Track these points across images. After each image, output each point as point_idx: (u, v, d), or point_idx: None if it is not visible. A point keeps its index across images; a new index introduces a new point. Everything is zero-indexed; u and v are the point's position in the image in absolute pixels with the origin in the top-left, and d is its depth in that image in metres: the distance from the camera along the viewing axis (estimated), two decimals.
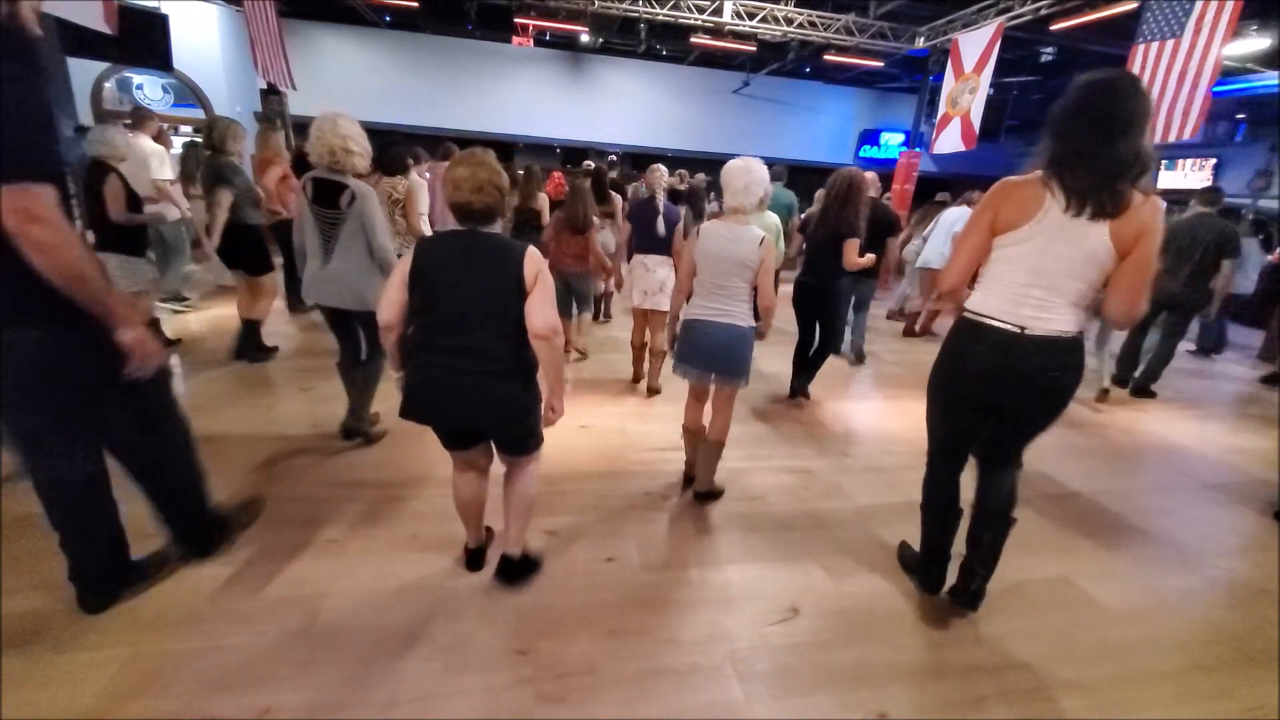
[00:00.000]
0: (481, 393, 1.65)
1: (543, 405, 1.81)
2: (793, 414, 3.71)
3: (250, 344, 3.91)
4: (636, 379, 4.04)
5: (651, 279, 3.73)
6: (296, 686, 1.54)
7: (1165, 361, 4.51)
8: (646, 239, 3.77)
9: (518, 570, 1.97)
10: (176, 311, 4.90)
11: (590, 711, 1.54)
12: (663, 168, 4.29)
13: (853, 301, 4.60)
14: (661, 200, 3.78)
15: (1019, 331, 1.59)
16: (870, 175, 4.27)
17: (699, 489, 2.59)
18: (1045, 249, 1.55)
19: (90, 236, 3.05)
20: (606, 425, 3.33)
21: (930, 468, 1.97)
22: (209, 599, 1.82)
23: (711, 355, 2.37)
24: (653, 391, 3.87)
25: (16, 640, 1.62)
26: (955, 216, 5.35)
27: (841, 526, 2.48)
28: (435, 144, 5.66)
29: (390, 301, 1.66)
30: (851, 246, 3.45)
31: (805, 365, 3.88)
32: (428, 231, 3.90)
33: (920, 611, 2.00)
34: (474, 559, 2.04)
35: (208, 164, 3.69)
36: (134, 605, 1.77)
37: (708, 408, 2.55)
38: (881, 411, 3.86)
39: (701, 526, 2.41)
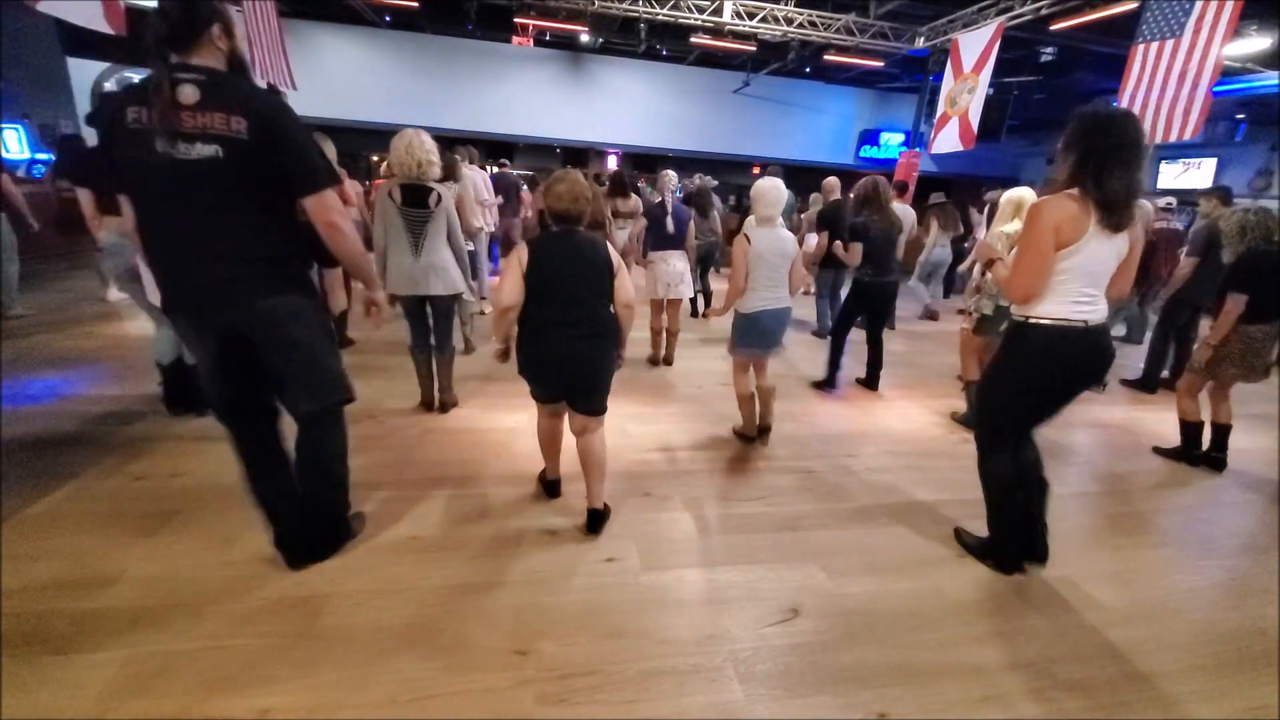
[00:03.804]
0: (592, 351, 2.14)
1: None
2: (794, 415, 3.71)
3: (338, 333, 4.17)
4: (655, 361, 4.54)
5: (672, 271, 4.26)
6: (296, 687, 1.54)
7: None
8: (660, 237, 4.33)
9: (602, 518, 2.36)
10: None
11: (591, 713, 1.53)
12: (671, 173, 4.77)
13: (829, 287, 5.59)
14: (670, 201, 4.34)
15: (1085, 325, 1.93)
16: (834, 180, 5.58)
17: (767, 427, 3.26)
18: (1091, 256, 1.87)
19: None
20: (608, 425, 3.30)
21: (1001, 451, 2.18)
22: (208, 599, 1.81)
23: (776, 334, 3.03)
24: (668, 362, 4.51)
25: (16, 641, 1.61)
26: None
27: (843, 527, 2.48)
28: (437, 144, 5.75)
29: (514, 288, 2.05)
30: (902, 242, 4.23)
31: (874, 359, 4.23)
32: (477, 223, 4.65)
33: (920, 612, 1.99)
34: (553, 487, 2.53)
35: None
36: (133, 605, 1.77)
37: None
38: (883, 413, 3.86)
39: (702, 527, 2.41)
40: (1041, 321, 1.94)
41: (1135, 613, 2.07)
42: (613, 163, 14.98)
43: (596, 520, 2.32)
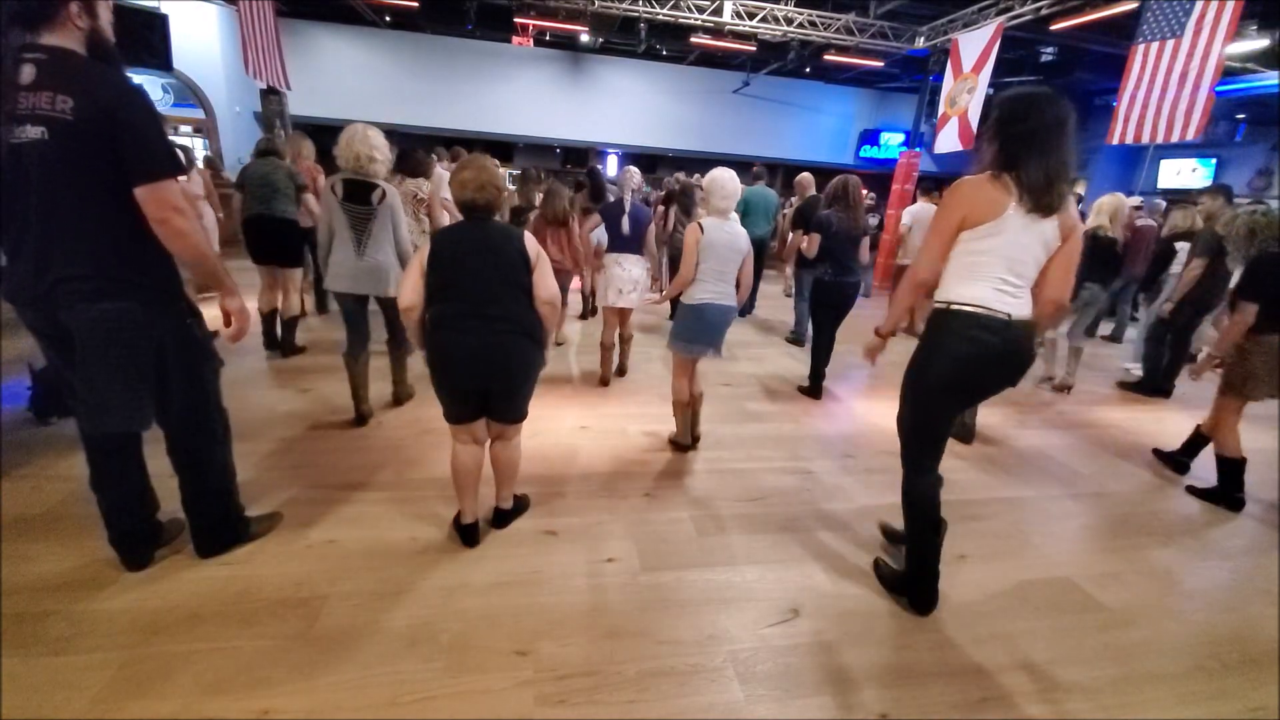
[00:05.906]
0: (507, 348, 1.95)
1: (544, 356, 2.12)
2: (793, 415, 3.71)
3: (286, 339, 4.11)
4: (604, 381, 4.01)
5: (626, 277, 3.85)
6: (295, 689, 1.54)
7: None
8: (615, 238, 3.90)
9: (510, 515, 2.30)
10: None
11: (591, 713, 1.53)
12: (634, 169, 4.44)
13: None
14: (629, 200, 3.90)
15: (1008, 318, 1.73)
16: (808, 176, 5.61)
17: (697, 436, 3.14)
18: (1014, 240, 1.71)
19: None
20: (606, 426, 3.32)
21: (918, 471, 1.93)
22: (207, 600, 1.81)
23: (717, 331, 2.83)
24: (622, 372, 4.19)
25: (16, 641, 1.61)
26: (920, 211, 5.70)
27: (842, 528, 2.47)
28: (435, 144, 5.75)
29: (413, 286, 1.92)
30: (866, 244, 4.00)
31: (826, 361, 4.05)
32: (445, 222, 4.31)
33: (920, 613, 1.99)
34: (470, 534, 2.17)
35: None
36: (132, 606, 1.76)
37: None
38: (882, 412, 3.85)
39: (702, 527, 2.40)
40: (964, 308, 1.75)
41: (1136, 614, 2.07)
42: (613, 163, 14.96)
43: (504, 518, 2.29)
